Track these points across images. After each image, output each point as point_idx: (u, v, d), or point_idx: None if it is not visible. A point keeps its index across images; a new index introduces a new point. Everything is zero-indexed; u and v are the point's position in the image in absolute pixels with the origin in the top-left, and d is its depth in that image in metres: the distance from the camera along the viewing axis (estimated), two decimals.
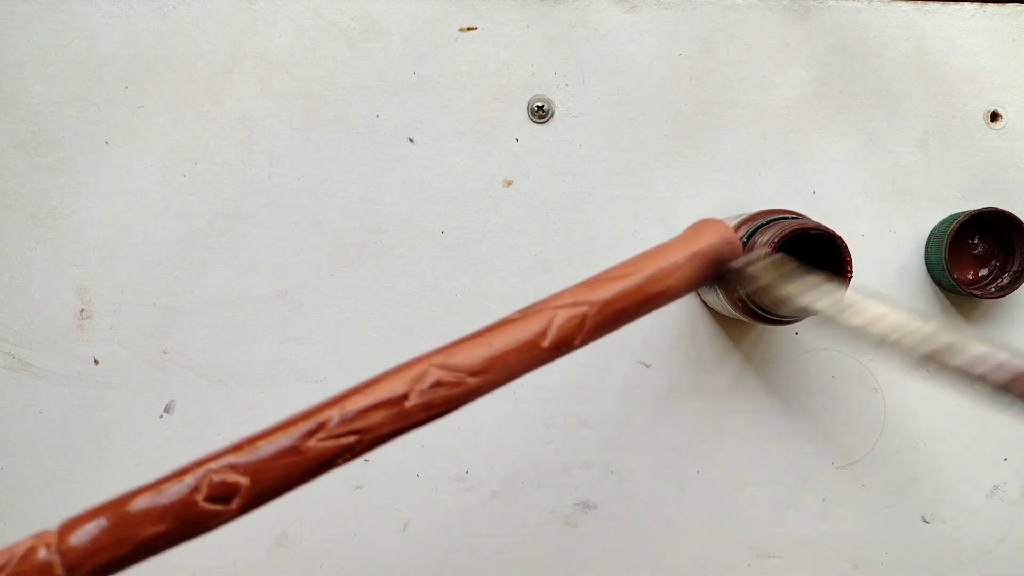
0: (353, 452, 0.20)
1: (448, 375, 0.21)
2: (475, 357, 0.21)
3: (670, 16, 0.46)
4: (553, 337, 0.22)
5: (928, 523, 0.46)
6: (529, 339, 0.22)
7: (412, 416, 0.21)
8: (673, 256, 0.23)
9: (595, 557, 0.45)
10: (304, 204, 0.45)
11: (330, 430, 0.20)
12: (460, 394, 0.21)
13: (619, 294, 0.23)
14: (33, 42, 0.44)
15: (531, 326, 0.22)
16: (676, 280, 0.23)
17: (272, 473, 0.19)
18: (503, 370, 0.22)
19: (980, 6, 0.46)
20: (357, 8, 0.45)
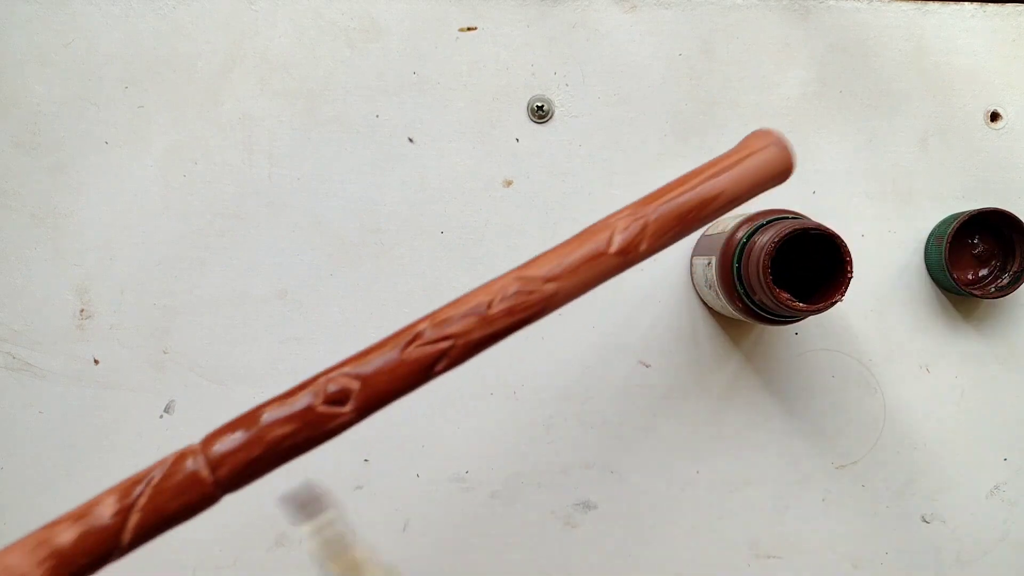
0: (449, 358, 0.22)
1: (526, 284, 0.23)
2: (548, 268, 0.23)
3: (670, 16, 0.46)
4: (618, 245, 0.23)
5: (928, 523, 0.46)
6: (596, 248, 0.23)
7: (497, 321, 0.23)
8: (725, 161, 0.25)
9: (595, 557, 0.45)
10: (304, 204, 0.45)
11: (426, 338, 0.22)
12: (538, 300, 0.23)
13: (675, 200, 0.24)
14: (33, 42, 0.44)
15: (596, 238, 0.24)
16: (730, 183, 0.25)
17: (379, 378, 0.21)
18: (574, 277, 0.23)
19: (980, 6, 0.46)
20: (357, 8, 0.45)
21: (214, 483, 0.20)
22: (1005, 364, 0.46)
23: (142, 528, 0.19)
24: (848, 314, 0.46)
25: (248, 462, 0.20)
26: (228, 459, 0.20)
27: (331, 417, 0.21)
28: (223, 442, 0.20)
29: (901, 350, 0.46)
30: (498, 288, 0.23)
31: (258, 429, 0.20)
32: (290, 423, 0.20)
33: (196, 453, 0.20)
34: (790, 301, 0.35)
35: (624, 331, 0.45)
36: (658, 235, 0.24)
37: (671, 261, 0.46)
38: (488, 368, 0.45)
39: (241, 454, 0.20)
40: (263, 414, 0.21)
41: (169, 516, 0.19)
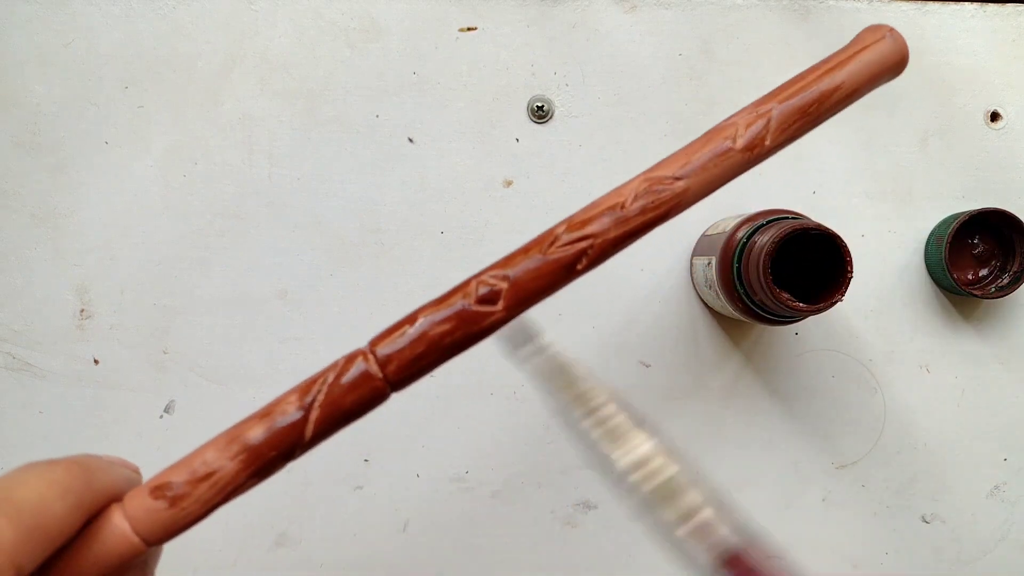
0: (589, 257, 0.23)
1: (656, 184, 0.24)
2: (677, 167, 0.24)
3: (670, 16, 0.46)
4: (743, 141, 0.24)
5: (928, 523, 0.46)
6: (722, 146, 0.24)
7: (632, 220, 0.23)
8: (841, 56, 0.26)
9: (595, 557, 0.45)
10: (304, 204, 0.45)
11: (565, 240, 0.23)
12: (669, 197, 0.24)
13: (796, 95, 0.25)
14: (33, 42, 0.44)
15: (722, 135, 0.24)
16: (848, 75, 0.26)
17: (525, 278, 0.23)
18: (704, 174, 0.24)
19: (980, 6, 0.46)
20: (357, 8, 0.45)
21: (383, 379, 0.21)
22: (1005, 364, 0.46)
23: (322, 424, 0.21)
24: (848, 314, 0.46)
25: (413, 359, 0.21)
26: (394, 358, 0.21)
27: (485, 315, 0.22)
28: (388, 343, 0.21)
29: (901, 350, 0.46)
30: (630, 190, 0.24)
31: (418, 328, 0.22)
32: (448, 323, 0.22)
33: (365, 354, 0.21)
34: (790, 301, 0.35)
35: (624, 331, 0.45)
36: (781, 129, 0.24)
37: (671, 261, 0.46)
38: (488, 368, 0.45)
39: (407, 352, 0.21)
40: (420, 317, 0.22)
41: (345, 412, 0.21)
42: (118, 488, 0.21)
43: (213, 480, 0.20)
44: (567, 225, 0.23)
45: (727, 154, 0.24)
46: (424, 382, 0.47)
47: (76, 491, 0.19)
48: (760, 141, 0.24)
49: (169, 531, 0.20)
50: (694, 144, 0.24)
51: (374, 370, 0.21)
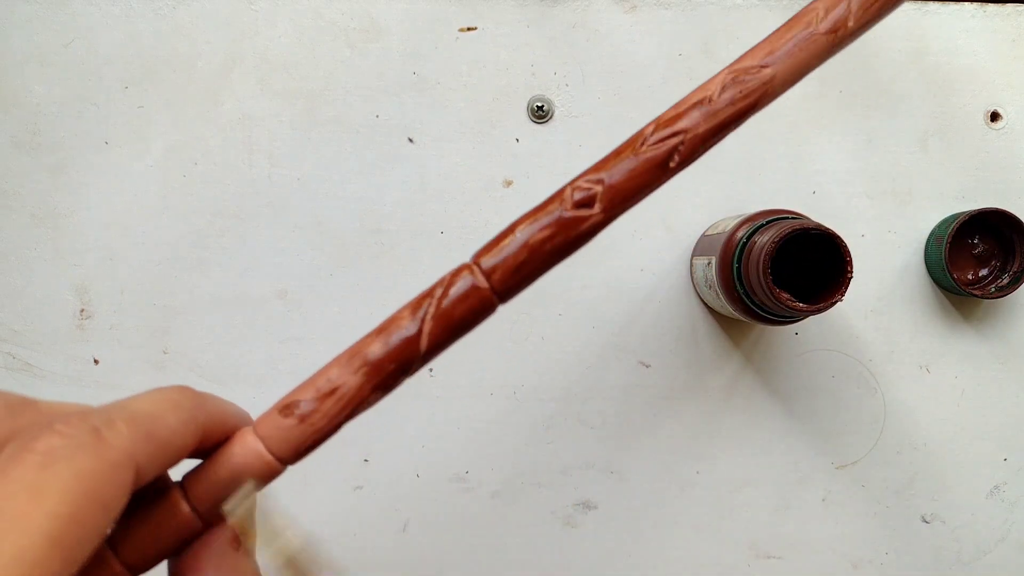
0: (681, 153, 0.23)
1: (742, 74, 0.23)
2: (762, 56, 0.24)
3: (670, 16, 0.46)
4: (826, 25, 0.23)
5: (928, 523, 0.46)
6: (805, 31, 0.23)
7: (721, 112, 0.23)
8: None
9: (595, 557, 0.45)
10: (304, 204, 0.45)
11: (654, 138, 0.23)
12: (757, 86, 0.23)
13: None
14: (33, 42, 0.44)
15: (804, 21, 0.24)
16: None
17: (619, 179, 0.23)
18: (789, 60, 0.23)
19: (980, 6, 0.46)
20: (357, 8, 0.45)
21: (490, 289, 0.22)
22: (1005, 364, 0.46)
23: (436, 336, 0.21)
24: (848, 314, 0.46)
25: (516, 267, 0.22)
26: (498, 268, 0.22)
27: (583, 219, 0.22)
28: (491, 256, 0.22)
29: (901, 350, 0.46)
30: (716, 84, 0.24)
31: (521, 239, 0.22)
32: (547, 229, 0.22)
33: (471, 267, 0.22)
34: (790, 301, 0.35)
35: (624, 331, 0.45)
36: (864, 8, 0.23)
37: (671, 261, 0.46)
38: (488, 368, 0.45)
39: (510, 261, 0.22)
40: (518, 228, 0.22)
41: (457, 323, 0.21)
42: (228, 415, 0.21)
43: (338, 395, 0.21)
44: (655, 124, 0.23)
45: (812, 39, 0.23)
46: (425, 382, 0.47)
47: (188, 408, 0.20)
48: (843, 23, 0.23)
49: (300, 448, 0.21)
50: (777, 32, 0.24)
51: (480, 281, 0.22)
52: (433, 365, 0.45)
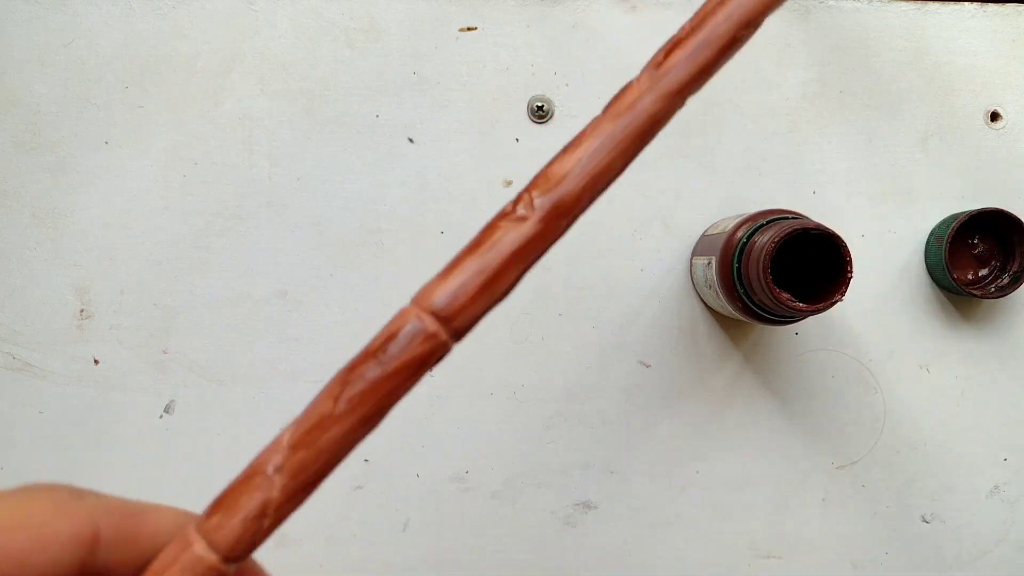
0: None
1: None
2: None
3: (670, 16, 0.46)
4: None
5: (928, 523, 0.46)
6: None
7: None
8: None
9: (595, 557, 0.45)
10: (304, 204, 0.45)
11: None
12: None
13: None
14: (33, 42, 0.44)
15: None
16: None
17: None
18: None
19: (980, 6, 0.46)
20: (357, 8, 0.45)
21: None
22: (1005, 364, 0.46)
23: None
24: (848, 314, 0.46)
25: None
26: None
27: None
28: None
29: (901, 350, 0.46)
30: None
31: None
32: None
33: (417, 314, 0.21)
34: (790, 301, 0.35)
35: (624, 331, 0.45)
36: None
37: (671, 261, 0.46)
38: (488, 368, 0.45)
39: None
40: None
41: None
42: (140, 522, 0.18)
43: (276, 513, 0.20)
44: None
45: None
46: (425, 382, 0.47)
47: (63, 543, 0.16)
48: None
49: (255, 542, 0.19)
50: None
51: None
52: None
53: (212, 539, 0.18)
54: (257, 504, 0.19)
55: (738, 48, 0.20)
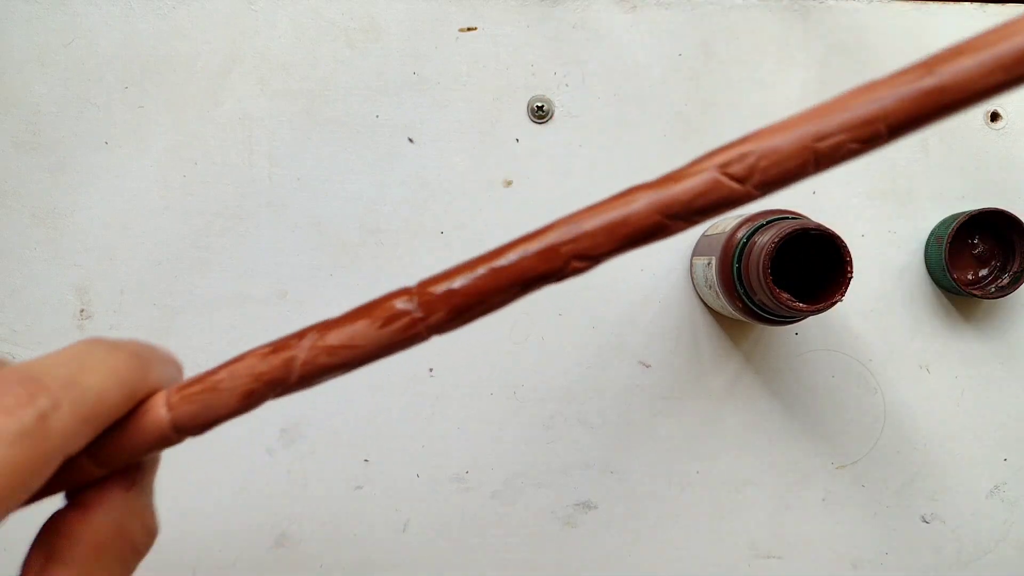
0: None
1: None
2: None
3: (670, 16, 0.46)
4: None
5: (928, 523, 0.46)
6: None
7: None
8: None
9: (595, 557, 0.45)
10: (304, 204, 0.45)
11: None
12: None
13: None
14: (33, 42, 0.44)
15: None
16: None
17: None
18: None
19: (980, 6, 0.46)
20: (357, 8, 0.45)
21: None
22: (1005, 364, 0.46)
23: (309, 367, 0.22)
24: (848, 314, 0.46)
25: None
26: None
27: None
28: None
29: (901, 350, 0.46)
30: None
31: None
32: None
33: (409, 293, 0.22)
34: (790, 301, 0.35)
35: (624, 331, 0.45)
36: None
37: (671, 261, 0.46)
38: (488, 368, 0.45)
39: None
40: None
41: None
42: (164, 384, 0.22)
43: (246, 377, 0.22)
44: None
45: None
46: (425, 382, 0.47)
47: (132, 384, 0.20)
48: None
49: (197, 422, 0.21)
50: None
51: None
52: (433, 365, 0.45)
53: (172, 404, 0.21)
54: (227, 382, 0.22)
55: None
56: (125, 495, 0.20)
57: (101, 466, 0.20)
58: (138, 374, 0.20)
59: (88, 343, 0.20)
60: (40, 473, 0.17)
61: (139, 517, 0.21)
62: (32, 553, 0.19)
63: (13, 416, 0.16)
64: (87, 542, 0.19)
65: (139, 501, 0.21)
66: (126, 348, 0.20)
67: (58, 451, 0.17)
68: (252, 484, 0.44)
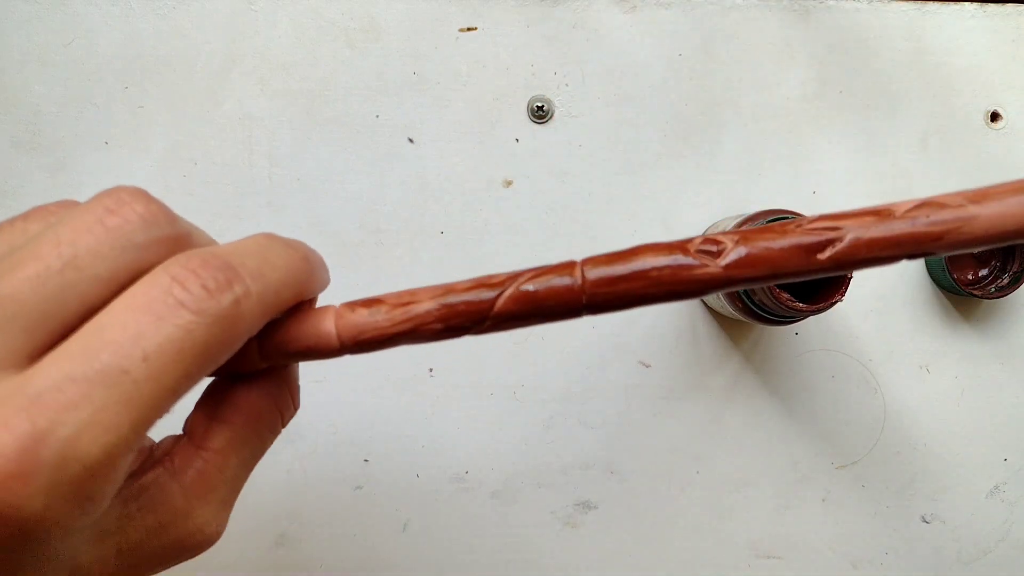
0: (836, 251, 0.21)
1: (938, 202, 0.21)
2: (967, 195, 0.21)
3: (670, 16, 0.46)
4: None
5: (928, 523, 0.46)
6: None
7: (898, 227, 0.21)
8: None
9: (595, 557, 0.45)
10: (304, 204, 0.45)
11: (812, 225, 0.21)
12: (952, 218, 0.20)
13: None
14: (33, 42, 0.44)
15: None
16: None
17: (755, 244, 0.21)
18: (1002, 207, 0.20)
19: (980, 6, 0.46)
20: (357, 8, 0.45)
21: (582, 292, 0.22)
22: (1005, 364, 0.46)
23: (507, 308, 0.22)
24: (848, 314, 0.46)
25: (615, 282, 0.22)
26: (601, 281, 0.22)
27: (699, 267, 0.21)
28: (600, 267, 0.22)
29: (901, 350, 0.46)
30: (905, 204, 0.22)
31: (634, 265, 0.22)
32: (662, 260, 0.22)
33: (572, 267, 0.22)
34: (790, 301, 0.35)
35: (624, 331, 0.45)
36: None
37: None
38: (488, 368, 0.45)
39: (613, 278, 0.22)
40: (638, 255, 0.22)
41: (531, 308, 0.22)
42: (320, 291, 0.23)
43: (408, 310, 0.22)
44: (819, 216, 0.22)
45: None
46: (425, 382, 0.47)
47: (301, 283, 0.21)
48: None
49: (359, 339, 0.22)
50: (994, 186, 0.20)
51: (576, 282, 0.22)
52: (433, 365, 0.45)
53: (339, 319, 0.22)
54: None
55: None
56: (282, 372, 0.23)
57: (264, 358, 0.22)
58: (306, 276, 0.22)
59: (269, 237, 0.21)
60: (229, 351, 0.18)
61: (290, 393, 0.23)
62: (195, 414, 0.22)
63: (215, 299, 0.18)
64: (248, 410, 0.22)
65: (291, 378, 0.24)
66: (299, 250, 0.22)
67: (244, 334, 0.19)
68: (252, 484, 0.44)
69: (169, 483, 0.21)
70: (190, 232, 0.20)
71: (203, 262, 0.18)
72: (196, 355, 0.18)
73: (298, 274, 0.21)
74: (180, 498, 0.21)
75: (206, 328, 0.18)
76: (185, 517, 0.21)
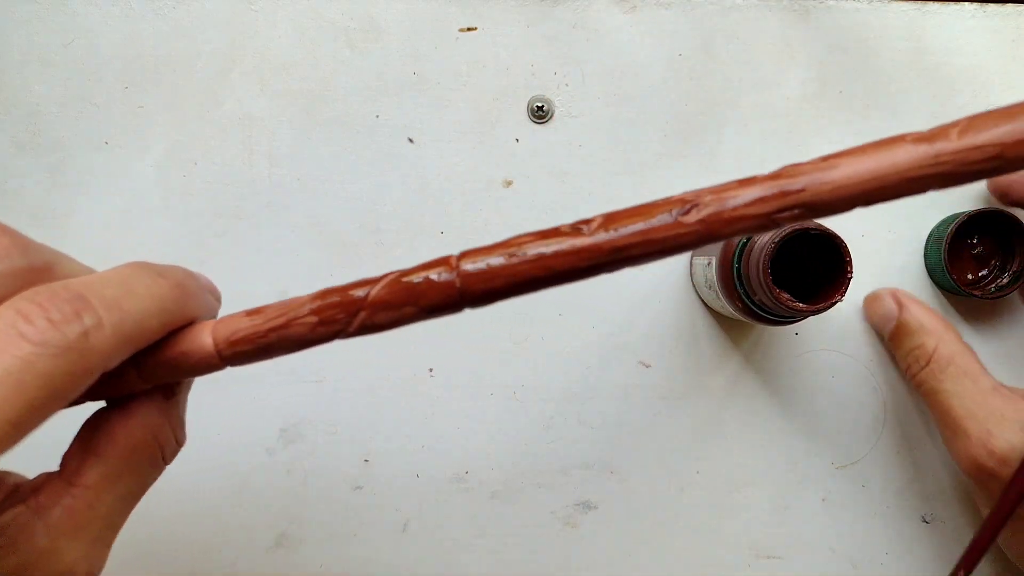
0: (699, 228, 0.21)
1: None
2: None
3: (670, 16, 0.46)
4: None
5: (928, 523, 0.46)
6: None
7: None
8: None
9: (595, 557, 0.45)
10: (304, 204, 0.45)
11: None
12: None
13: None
14: (33, 42, 0.44)
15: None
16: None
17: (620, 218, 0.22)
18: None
19: (980, 6, 0.46)
20: (357, 8, 0.45)
21: (457, 289, 0.22)
22: (1005, 364, 0.46)
23: (378, 302, 0.22)
24: (848, 314, 0.46)
25: (492, 278, 0.22)
26: (477, 275, 0.22)
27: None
28: (475, 259, 0.23)
29: None
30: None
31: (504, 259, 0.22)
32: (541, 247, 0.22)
33: (449, 262, 0.23)
34: (790, 301, 0.35)
35: (624, 331, 0.45)
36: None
37: (671, 261, 0.46)
38: (488, 368, 0.45)
39: (490, 272, 0.22)
40: (518, 244, 0.22)
41: (400, 302, 0.22)
42: (201, 315, 0.23)
43: (286, 311, 0.22)
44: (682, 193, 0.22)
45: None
46: (425, 382, 0.47)
47: (171, 312, 0.21)
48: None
49: (236, 347, 0.22)
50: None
51: (452, 278, 0.22)
52: (433, 365, 0.45)
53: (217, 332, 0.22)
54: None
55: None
56: (162, 405, 0.22)
57: (145, 380, 0.21)
58: (178, 304, 0.21)
59: (136, 267, 0.21)
60: (79, 384, 0.18)
61: (171, 427, 0.23)
62: (72, 447, 0.22)
63: (59, 330, 0.18)
64: (123, 442, 0.22)
65: (173, 412, 0.23)
66: (171, 277, 0.22)
67: (97, 366, 0.18)
68: (252, 484, 0.44)
69: (32, 522, 0.20)
70: (51, 263, 0.20)
71: (52, 295, 0.18)
72: (39, 387, 0.17)
73: (164, 302, 0.21)
74: (44, 537, 0.20)
75: (49, 359, 0.17)
76: (50, 557, 0.20)
